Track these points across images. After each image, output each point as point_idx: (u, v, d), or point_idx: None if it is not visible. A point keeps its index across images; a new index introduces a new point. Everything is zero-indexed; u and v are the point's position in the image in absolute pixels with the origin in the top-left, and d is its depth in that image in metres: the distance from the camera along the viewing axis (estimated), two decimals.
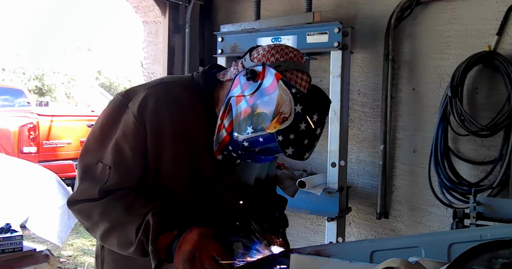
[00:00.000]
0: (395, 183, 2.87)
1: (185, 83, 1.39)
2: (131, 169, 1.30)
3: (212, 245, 1.17)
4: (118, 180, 1.28)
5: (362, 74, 2.93)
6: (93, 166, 1.30)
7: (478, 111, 2.58)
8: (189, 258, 1.16)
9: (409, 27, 2.78)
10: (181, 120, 1.32)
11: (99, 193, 1.27)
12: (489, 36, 2.53)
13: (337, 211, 2.61)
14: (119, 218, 1.25)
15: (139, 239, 1.21)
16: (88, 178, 1.30)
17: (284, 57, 1.24)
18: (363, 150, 2.95)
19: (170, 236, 1.20)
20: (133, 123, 1.27)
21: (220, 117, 1.28)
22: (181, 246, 1.17)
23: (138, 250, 1.22)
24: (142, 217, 1.22)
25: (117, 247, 1.28)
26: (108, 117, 1.32)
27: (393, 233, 2.87)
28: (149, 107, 1.28)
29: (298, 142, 1.17)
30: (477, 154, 2.61)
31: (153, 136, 1.28)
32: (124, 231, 1.24)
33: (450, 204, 2.59)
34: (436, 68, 2.70)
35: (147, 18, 3.53)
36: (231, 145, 1.26)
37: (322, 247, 1.21)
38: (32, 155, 6.70)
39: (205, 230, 1.21)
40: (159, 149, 1.30)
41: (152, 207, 1.24)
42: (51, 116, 7.25)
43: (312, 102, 1.19)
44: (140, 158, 1.30)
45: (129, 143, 1.28)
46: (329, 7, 3.01)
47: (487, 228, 1.17)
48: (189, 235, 1.19)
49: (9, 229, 2.96)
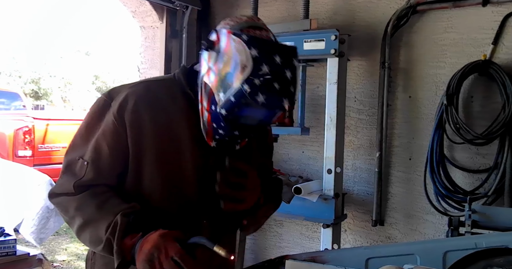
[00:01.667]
0: (391, 190, 2.87)
1: (166, 82, 1.41)
2: (107, 166, 1.32)
3: (172, 246, 1.15)
4: (93, 176, 1.31)
5: (359, 82, 2.94)
6: (75, 162, 1.34)
7: (473, 119, 2.60)
8: (148, 258, 1.15)
9: (405, 35, 2.79)
10: (162, 117, 1.33)
11: (74, 187, 1.30)
12: (484, 45, 2.55)
13: (332, 217, 2.60)
14: (92, 214, 1.27)
15: (107, 238, 1.22)
16: (68, 172, 1.35)
17: (238, 21, 1.27)
18: (359, 157, 2.96)
19: (135, 237, 1.21)
20: (113, 123, 1.30)
21: (200, 101, 1.29)
22: (142, 247, 1.17)
23: (106, 249, 1.23)
24: (113, 216, 1.23)
25: (89, 243, 1.30)
26: (93, 116, 1.35)
27: (389, 240, 2.87)
28: (128, 107, 1.30)
29: (267, 87, 1.14)
30: (472, 162, 2.62)
31: (134, 134, 1.30)
32: (95, 228, 1.25)
33: (445, 211, 2.59)
34: (432, 77, 2.72)
35: (145, 23, 3.53)
36: (214, 122, 1.26)
37: (318, 253, 1.21)
38: (27, 159, 6.67)
39: (168, 232, 1.20)
40: (139, 147, 1.31)
41: (124, 208, 1.25)
42: (47, 120, 7.23)
43: (271, 45, 1.19)
44: (118, 156, 1.32)
45: (107, 141, 1.31)
46: (326, 14, 3.03)
47: (482, 236, 1.17)
48: (150, 236, 1.19)
49: (3, 233, 2.94)
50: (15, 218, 3.72)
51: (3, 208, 3.83)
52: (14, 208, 3.78)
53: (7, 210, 3.81)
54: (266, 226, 3.24)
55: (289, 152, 3.19)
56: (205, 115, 1.28)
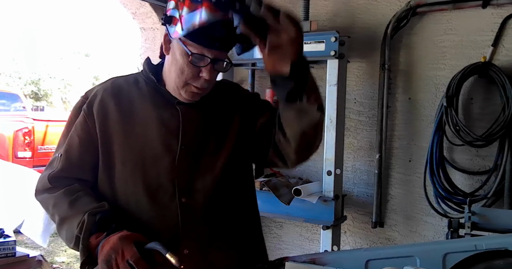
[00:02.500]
0: (391, 192, 2.87)
1: (132, 74, 1.50)
2: (77, 156, 1.40)
3: (128, 249, 1.18)
4: (63, 166, 1.40)
5: (359, 83, 2.94)
6: (55, 158, 1.44)
7: (473, 121, 2.60)
8: (106, 259, 1.19)
9: (405, 37, 2.80)
10: (126, 103, 1.40)
11: (48, 179, 1.40)
12: (484, 47, 2.55)
13: (332, 219, 2.60)
14: (66, 212, 1.33)
15: (76, 236, 1.27)
16: (47, 168, 1.44)
17: None
18: (359, 159, 2.96)
19: (100, 236, 1.24)
20: (83, 116, 1.40)
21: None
22: (103, 247, 1.21)
23: (76, 247, 1.28)
24: (82, 214, 1.28)
25: (65, 240, 1.35)
26: (71, 115, 1.45)
27: (388, 242, 2.87)
28: (96, 100, 1.40)
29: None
30: (472, 164, 2.62)
31: (101, 122, 1.38)
32: (69, 226, 1.31)
33: (445, 213, 2.59)
34: (432, 78, 2.72)
35: (145, 24, 3.54)
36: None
37: (317, 255, 1.21)
38: (27, 160, 6.67)
39: (129, 234, 1.22)
40: (107, 132, 1.38)
41: (92, 207, 1.30)
42: (47, 121, 7.23)
43: None
44: (88, 145, 1.39)
45: (77, 132, 1.40)
46: (326, 16, 3.03)
47: (482, 238, 1.17)
48: (112, 237, 1.22)
49: (2, 234, 2.94)
50: (15, 219, 3.72)
51: (3, 209, 3.82)
52: (14, 209, 3.77)
53: (7, 211, 3.80)
54: (266, 228, 3.24)
55: None
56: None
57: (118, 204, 1.37)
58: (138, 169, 1.36)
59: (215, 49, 1.27)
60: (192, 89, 1.34)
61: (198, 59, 1.28)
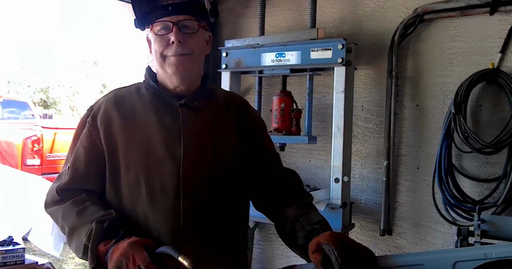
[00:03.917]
0: (399, 199, 2.85)
1: (134, 84, 1.54)
2: (83, 167, 1.42)
3: (139, 254, 1.17)
4: (71, 177, 1.41)
5: (366, 90, 2.94)
6: (63, 171, 1.46)
7: (482, 128, 2.58)
8: (117, 265, 1.18)
9: (412, 44, 2.79)
10: (129, 110, 1.43)
11: (57, 192, 1.41)
12: (492, 54, 2.54)
13: (340, 227, 2.59)
14: (74, 222, 1.34)
15: (84, 245, 1.28)
16: (56, 181, 1.46)
17: None
18: (367, 166, 2.94)
19: (108, 244, 1.25)
20: (88, 128, 1.43)
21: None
22: (112, 254, 1.21)
23: (85, 256, 1.28)
24: (90, 223, 1.29)
25: (75, 251, 1.35)
26: (77, 129, 1.48)
27: (397, 250, 2.84)
28: (100, 111, 1.44)
29: None
30: (481, 171, 2.60)
31: (105, 130, 1.40)
32: (78, 236, 1.32)
33: (454, 221, 2.57)
34: (440, 85, 2.71)
35: None
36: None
37: None
38: (36, 167, 6.72)
39: (139, 240, 1.22)
40: (111, 139, 1.40)
41: (99, 215, 1.31)
42: (55, 129, 7.29)
43: None
44: (93, 155, 1.41)
45: (82, 143, 1.43)
46: (333, 23, 3.04)
47: (492, 247, 1.16)
48: (121, 244, 1.22)
49: (11, 242, 2.95)
50: (24, 227, 3.74)
51: (12, 217, 3.84)
52: (23, 217, 3.79)
53: (16, 218, 3.83)
54: (273, 235, 3.23)
55: (296, 161, 3.18)
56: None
57: (125, 211, 1.38)
58: (142, 173, 1.37)
59: (172, 14, 1.37)
60: (171, 61, 1.39)
61: (163, 29, 1.38)
